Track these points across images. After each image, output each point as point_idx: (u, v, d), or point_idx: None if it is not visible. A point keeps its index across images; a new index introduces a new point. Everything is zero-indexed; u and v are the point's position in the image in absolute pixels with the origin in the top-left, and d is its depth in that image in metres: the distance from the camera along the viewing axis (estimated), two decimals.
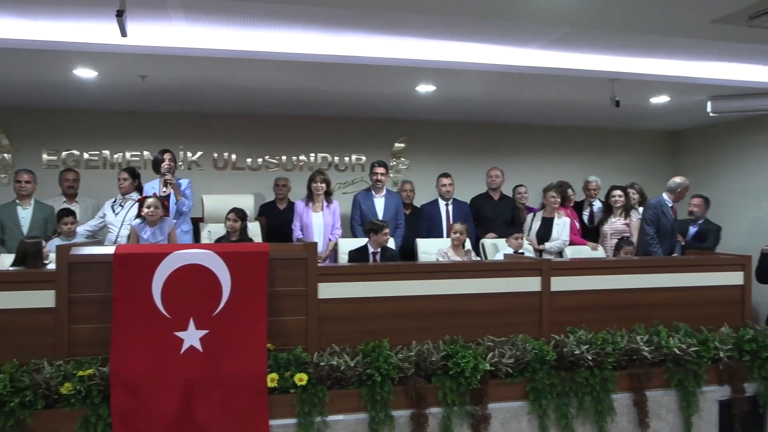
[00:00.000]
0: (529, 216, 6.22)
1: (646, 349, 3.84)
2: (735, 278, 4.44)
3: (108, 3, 3.35)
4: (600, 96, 5.62)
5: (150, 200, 4.51)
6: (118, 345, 3.20)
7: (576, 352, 3.69)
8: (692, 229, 5.94)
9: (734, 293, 4.42)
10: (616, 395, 3.77)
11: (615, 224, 6.06)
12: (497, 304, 3.96)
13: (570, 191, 6.30)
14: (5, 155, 6.47)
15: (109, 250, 3.46)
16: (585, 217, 6.52)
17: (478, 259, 5.35)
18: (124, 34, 3.32)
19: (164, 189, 5.07)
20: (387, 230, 4.93)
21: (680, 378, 3.90)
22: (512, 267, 4.16)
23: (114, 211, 5.27)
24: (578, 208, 6.58)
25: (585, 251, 5.78)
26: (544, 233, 5.87)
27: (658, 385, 3.90)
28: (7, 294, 3.30)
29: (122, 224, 5.14)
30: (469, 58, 4.64)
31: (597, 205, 6.48)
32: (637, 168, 7.75)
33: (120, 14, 3.14)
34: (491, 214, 6.14)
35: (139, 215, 4.61)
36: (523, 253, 5.13)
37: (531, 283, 4.03)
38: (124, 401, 3.12)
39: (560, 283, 4.07)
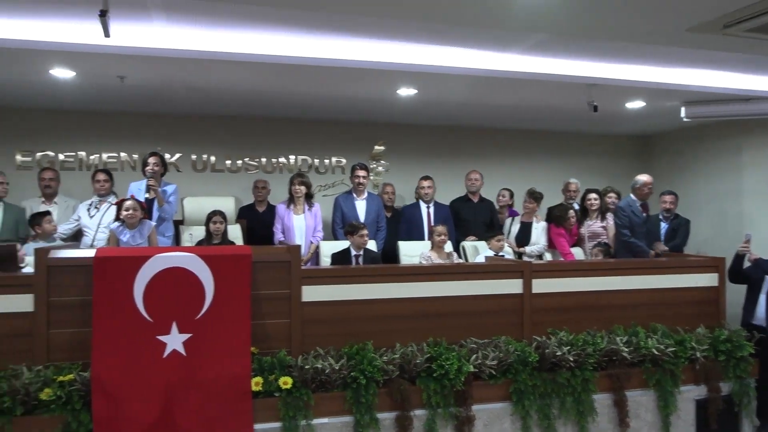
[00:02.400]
0: (508, 220, 6.28)
1: (626, 349, 3.91)
2: (710, 279, 4.54)
3: (90, 3, 3.29)
4: (577, 101, 5.71)
5: (128, 203, 4.44)
6: (99, 350, 3.14)
7: (558, 354, 3.75)
8: (664, 226, 6.05)
9: (709, 294, 4.52)
10: (596, 395, 3.84)
11: (592, 227, 6.15)
12: (479, 306, 3.99)
13: (571, 213, 6.02)
14: None
15: (89, 253, 3.40)
16: None
17: (460, 261, 5.38)
18: (107, 34, 3.27)
19: (146, 194, 5.00)
20: (364, 231, 4.93)
21: (658, 378, 3.97)
22: (494, 269, 4.20)
23: (89, 213, 5.19)
24: None
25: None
26: (523, 237, 5.94)
27: (637, 385, 3.98)
28: None
29: (98, 227, 5.07)
30: (450, 63, 4.67)
31: (575, 208, 6.56)
32: (611, 171, 7.87)
33: (103, 14, 3.09)
34: (471, 217, 6.18)
35: (117, 218, 4.53)
36: (503, 256, 5.18)
37: (512, 285, 4.07)
38: (105, 407, 3.07)
39: (541, 285, 4.12)
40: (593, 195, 6.18)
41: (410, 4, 3.62)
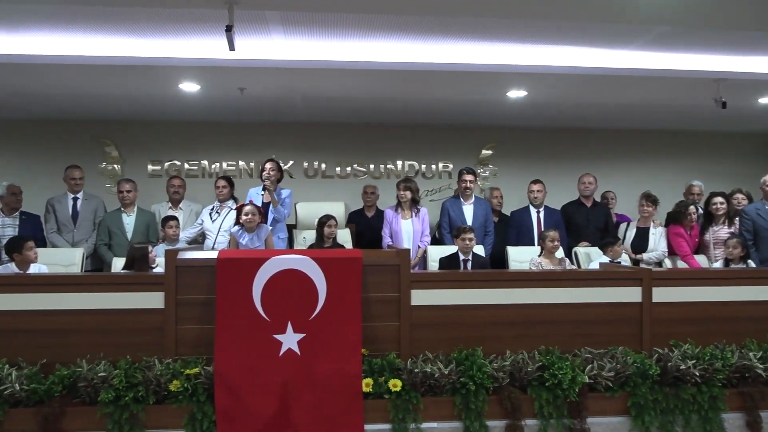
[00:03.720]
0: (623, 225, 5.98)
1: (761, 366, 3.59)
2: None
3: (215, 20, 3.52)
4: (701, 97, 5.34)
5: (248, 208, 4.69)
6: (221, 346, 3.33)
7: (682, 367, 3.51)
8: None
9: None
10: (726, 414, 3.55)
11: (718, 233, 5.70)
12: (594, 315, 3.82)
13: (692, 209, 5.66)
14: (115, 166, 6.93)
15: (212, 254, 3.62)
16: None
17: (573, 267, 5.19)
18: (232, 48, 3.48)
19: (262, 192, 5.24)
20: (469, 235, 4.87)
21: None
22: (610, 276, 4.01)
23: (211, 218, 5.52)
24: None
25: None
26: (639, 243, 5.63)
27: None
28: (121, 295, 3.51)
29: (219, 231, 5.38)
30: (563, 62, 4.54)
31: (698, 207, 6.13)
32: (739, 173, 7.28)
33: (229, 29, 3.30)
34: (584, 222, 5.96)
35: (237, 222, 4.80)
36: (619, 263, 4.94)
37: (631, 293, 3.87)
38: (227, 400, 3.24)
39: (662, 294, 3.88)
40: (719, 199, 5.73)
41: (523, 3, 3.56)
